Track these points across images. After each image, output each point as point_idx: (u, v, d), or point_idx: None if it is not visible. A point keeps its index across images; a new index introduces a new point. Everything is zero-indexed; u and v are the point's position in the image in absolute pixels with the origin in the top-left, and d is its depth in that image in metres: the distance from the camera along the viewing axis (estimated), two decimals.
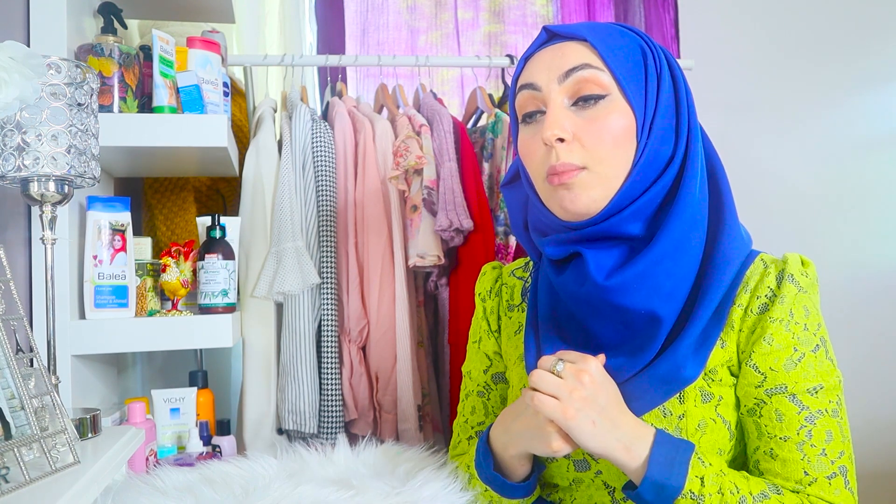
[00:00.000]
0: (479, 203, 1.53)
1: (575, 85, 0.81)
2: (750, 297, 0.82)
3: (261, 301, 1.47)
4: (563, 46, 0.83)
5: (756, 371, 0.80)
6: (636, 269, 0.80)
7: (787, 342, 0.79)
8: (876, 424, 1.84)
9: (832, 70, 2.23)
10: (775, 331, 0.80)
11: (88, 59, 1.20)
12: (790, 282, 0.81)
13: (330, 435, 1.44)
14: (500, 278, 1.03)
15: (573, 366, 0.78)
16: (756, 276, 0.83)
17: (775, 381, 0.79)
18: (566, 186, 0.81)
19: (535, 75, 0.84)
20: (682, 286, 0.81)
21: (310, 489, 0.85)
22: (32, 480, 0.65)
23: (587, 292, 0.81)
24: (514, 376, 0.95)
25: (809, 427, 0.78)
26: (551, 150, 0.81)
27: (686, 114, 0.84)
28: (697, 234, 0.82)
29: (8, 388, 0.69)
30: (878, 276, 2.19)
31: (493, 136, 1.61)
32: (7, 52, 0.74)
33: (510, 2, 2.17)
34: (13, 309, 0.74)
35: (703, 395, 0.81)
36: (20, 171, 0.83)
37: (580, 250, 0.83)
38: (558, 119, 0.81)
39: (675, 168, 0.82)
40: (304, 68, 1.74)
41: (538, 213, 0.89)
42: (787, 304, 0.80)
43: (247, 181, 1.50)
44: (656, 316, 0.79)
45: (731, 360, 0.82)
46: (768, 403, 0.80)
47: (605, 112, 0.80)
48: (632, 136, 0.81)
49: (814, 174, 2.23)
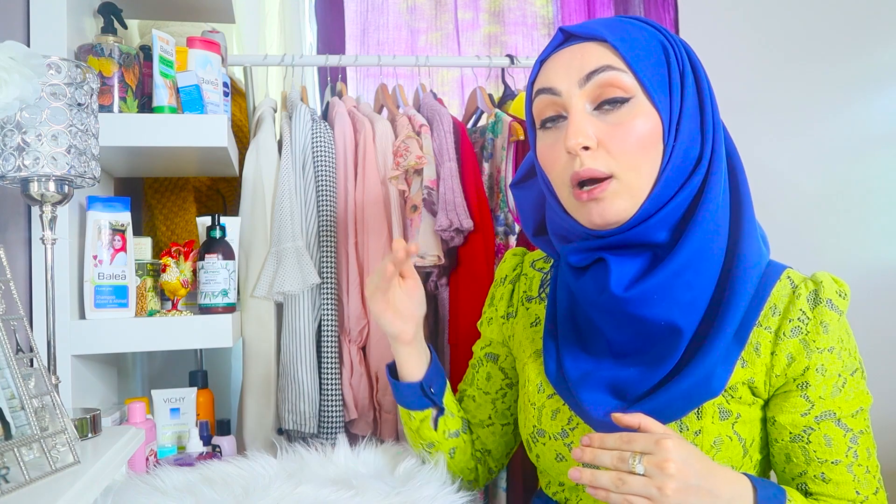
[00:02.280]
0: (479, 203, 1.53)
1: (597, 89, 0.78)
2: (780, 321, 0.80)
3: (261, 301, 1.47)
4: (581, 48, 0.80)
5: (806, 400, 0.79)
6: (656, 280, 0.78)
7: (836, 370, 0.79)
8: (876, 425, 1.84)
9: (833, 70, 2.23)
10: (827, 361, 0.79)
11: (88, 59, 1.20)
12: (829, 307, 0.79)
13: (330, 435, 1.44)
14: (521, 266, 1.02)
15: (653, 458, 0.70)
16: (785, 298, 0.81)
17: (822, 407, 0.79)
18: (596, 200, 0.78)
19: (554, 79, 0.81)
20: (702, 296, 0.79)
21: (310, 489, 0.85)
22: (32, 480, 0.65)
23: (605, 301, 0.80)
24: (531, 371, 0.94)
25: (855, 448, 0.80)
26: (575, 157, 0.78)
27: (710, 110, 0.81)
28: (719, 241, 0.80)
29: (8, 388, 0.69)
30: (879, 277, 2.19)
31: (493, 136, 1.61)
32: (7, 52, 0.74)
33: (510, 2, 2.17)
34: (13, 309, 0.74)
35: (722, 412, 0.80)
36: (20, 171, 0.83)
37: (604, 256, 0.81)
38: (582, 126, 0.77)
39: (703, 171, 0.80)
40: (304, 68, 1.74)
41: (560, 220, 0.86)
42: (833, 333, 0.79)
43: (247, 181, 1.50)
44: (676, 327, 0.78)
45: (753, 381, 0.81)
46: (817, 430, 0.80)
47: (630, 116, 0.77)
48: (658, 139, 0.78)
49: (815, 174, 2.23)
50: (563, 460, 0.87)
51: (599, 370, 0.83)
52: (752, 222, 0.83)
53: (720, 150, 0.81)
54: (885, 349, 2.11)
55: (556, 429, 0.87)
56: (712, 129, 0.81)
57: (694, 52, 0.84)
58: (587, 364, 0.84)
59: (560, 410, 0.88)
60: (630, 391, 0.81)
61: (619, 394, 0.82)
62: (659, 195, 0.78)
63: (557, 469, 0.89)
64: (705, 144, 0.80)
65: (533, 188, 0.93)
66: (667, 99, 0.79)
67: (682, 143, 0.79)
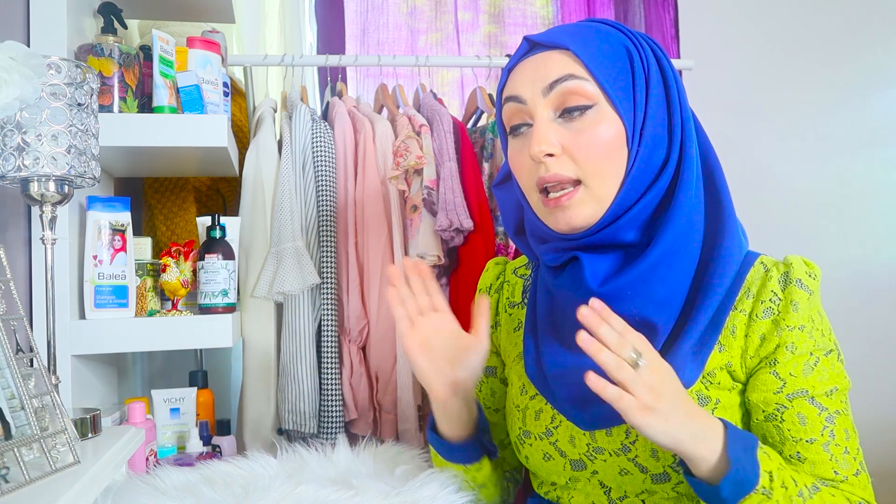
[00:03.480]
0: (479, 203, 1.53)
1: (560, 97, 0.80)
2: (754, 303, 0.81)
3: (261, 301, 1.47)
4: (545, 56, 0.82)
5: (776, 377, 0.80)
6: (630, 276, 0.80)
7: (807, 348, 0.80)
8: (876, 425, 1.83)
9: (833, 70, 2.23)
10: (797, 339, 0.79)
11: (88, 59, 1.20)
12: (799, 287, 0.80)
13: (330, 435, 1.44)
14: (503, 275, 1.03)
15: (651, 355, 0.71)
16: (758, 281, 0.82)
17: (794, 385, 0.80)
18: (562, 207, 0.80)
19: (520, 88, 0.83)
20: (677, 292, 0.81)
21: (310, 489, 0.85)
22: (32, 480, 0.66)
23: (583, 296, 0.81)
24: (513, 375, 0.95)
25: (831, 427, 0.79)
26: (540, 164, 0.80)
27: (679, 113, 0.82)
28: (694, 239, 0.82)
29: (8, 388, 0.69)
30: (878, 277, 2.19)
31: (493, 136, 1.61)
32: (7, 52, 0.74)
33: (510, 3, 2.18)
34: (13, 309, 0.74)
35: (701, 398, 0.81)
36: (20, 171, 0.83)
37: (578, 255, 0.83)
38: (545, 134, 0.80)
39: (670, 172, 0.82)
40: (304, 68, 1.74)
41: (534, 223, 0.88)
42: (803, 311, 0.80)
43: (247, 181, 1.50)
44: (651, 323, 0.79)
45: (730, 364, 0.82)
46: (790, 408, 0.80)
47: (593, 123, 0.79)
48: (622, 144, 0.80)
49: (814, 175, 2.23)
50: (551, 459, 0.87)
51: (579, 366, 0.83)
52: (734, 225, 0.84)
53: (690, 149, 0.82)
54: (885, 349, 2.11)
55: (541, 429, 0.88)
56: (680, 130, 0.82)
57: (663, 53, 0.85)
58: (566, 360, 0.85)
59: (543, 410, 0.88)
60: None
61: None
62: (624, 198, 0.80)
63: (546, 469, 0.89)
64: (672, 145, 0.82)
65: (512, 189, 0.94)
66: (630, 105, 0.80)
67: (647, 147, 0.81)
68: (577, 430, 0.84)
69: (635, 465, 0.81)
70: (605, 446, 0.83)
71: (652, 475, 0.81)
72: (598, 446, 0.83)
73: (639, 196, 0.81)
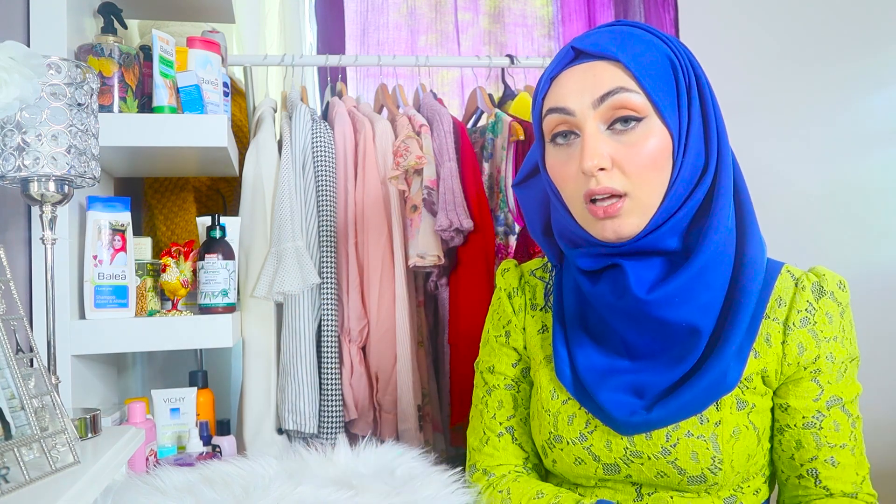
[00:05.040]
0: (479, 203, 1.53)
1: (610, 110, 0.79)
2: (788, 312, 0.84)
3: (261, 301, 1.47)
4: (593, 67, 0.80)
5: (818, 385, 0.84)
6: (678, 283, 0.80)
7: (842, 357, 0.84)
8: (876, 425, 1.84)
9: (833, 70, 2.23)
10: (834, 349, 0.84)
11: (88, 59, 1.20)
12: (831, 299, 0.84)
13: (330, 435, 1.44)
14: (523, 277, 1.02)
15: None
16: (789, 291, 0.85)
17: (830, 392, 0.84)
18: (611, 217, 0.80)
19: (567, 99, 0.81)
20: (717, 296, 0.82)
21: (310, 489, 0.85)
22: (32, 480, 0.65)
23: (626, 305, 0.81)
24: (542, 377, 0.93)
25: (854, 432, 0.85)
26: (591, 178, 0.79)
27: (714, 120, 0.83)
28: (730, 244, 0.83)
29: (8, 388, 0.69)
30: (879, 277, 2.19)
31: (493, 136, 1.61)
32: (7, 52, 0.74)
33: (509, 2, 2.18)
34: (13, 309, 0.74)
35: (738, 402, 0.83)
36: (20, 171, 0.83)
37: (619, 262, 0.83)
38: (597, 148, 0.78)
39: (709, 179, 0.82)
40: (304, 68, 1.74)
41: (570, 228, 0.87)
42: (836, 322, 0.84)
43: (247, 181, 1.50)
44: (696, 328, 0.80)
45: (766, 370, 0.84)
46: (827, 416, 0.84)
47: (643, 136, 0.79)
48: (669, 155, 0.80)
49: (815, 174, 2.23)
50: (582, 463, 0.87)
51: (616, 371, 0.85)
52: (756, 229, 0.85)
53: (726, 156, 0.83)
54: (885, 349, 2.11)
55: (574, 434, 0.88)
56: (717, 137, 0.82)
57: (697, 61, 0.85)
58: (602, 365, 0.86)
59: (576, 415, 0.88)
60: (648, 391, 0.83)
61: (638, 393, 0.84)
62: (668, 207, 0.81)
63: (575, 472, 0.89)
64: (710, 152, 0.82)
65: (536, 188, 0.93)
66: (676, 116, 0.81)
67: (690, 157, 0.81)
68: (613, 434, 0.85)
69: (674, 468, 0.82)
70: (643, 450, 0.83)
71: (689, 477, 0.82)
72: (637, 450, 0.84)
73: (680, 204, 0.81)
